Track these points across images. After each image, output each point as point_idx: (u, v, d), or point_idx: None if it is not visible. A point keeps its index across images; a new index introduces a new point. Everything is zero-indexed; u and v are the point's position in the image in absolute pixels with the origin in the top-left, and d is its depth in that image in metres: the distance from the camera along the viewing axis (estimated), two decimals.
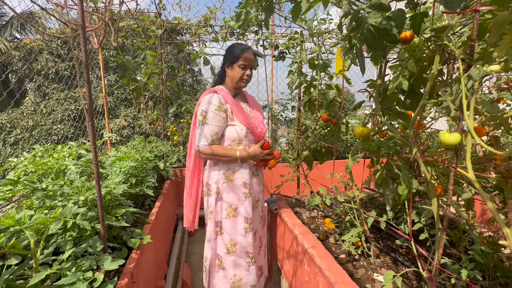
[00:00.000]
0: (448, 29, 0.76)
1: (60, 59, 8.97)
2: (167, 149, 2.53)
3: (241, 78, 1.39)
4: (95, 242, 0.98)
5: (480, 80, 0.67)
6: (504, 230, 0.58)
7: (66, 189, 1.12)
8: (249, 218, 1.42)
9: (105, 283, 0.80)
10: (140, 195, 1.87)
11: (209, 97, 1.35)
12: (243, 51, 1.35)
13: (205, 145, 1.34)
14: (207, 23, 2.60)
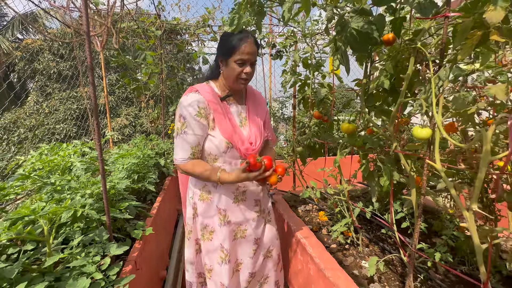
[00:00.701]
0: (422, 33, 0.82)
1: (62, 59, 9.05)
2: (168, 146, 2.61)
3: (238, 77, 1.07)
4: (101, 232, 1.07)
5: (447, 79, 0.74)
6: (464, 213, 0.65)
7: (73, 183, 1.21)
8: (225, 248, 1.14)
9: (111, 266, 0.88)
10: (142, 190, 1.95)
11: (189, 98, 1.07)
12: (241, 42, 1.03)
13: (184, 159, 1.08)
14: (205, 23, 2.66)
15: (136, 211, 1.49)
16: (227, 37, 1.08)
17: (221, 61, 1.11)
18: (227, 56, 1.06)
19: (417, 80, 0.88)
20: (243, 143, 1.12)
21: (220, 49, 1.12)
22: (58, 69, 8.83)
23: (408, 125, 1.25)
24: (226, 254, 1.15)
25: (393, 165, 1.00)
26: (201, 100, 1.07)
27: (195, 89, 1.11)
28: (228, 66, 1.08)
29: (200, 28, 2.72)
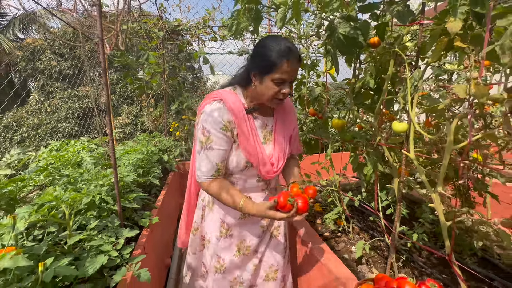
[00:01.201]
0: (400, 38, 0.93)
1: (63, 58, 9.13)
2: (170, 143, 2.72)
3: (273, 97, 0.93)
4: (113, 219, 1.17)
5: (421, 79, 0.84)
6: (432, 195, 0.75)
7: (86, 175, 1.31)
8: (222, 258, 1.10)
9: (124, 247, 0.99)
10: (147, 184, 2.05)
11: (213, 108, 0.95)
12: (283, 58, 0.86)
13: (208, 177, 0.97)
14: (205, 24, 2.75)
15: (142, 203, 1.59)
16: (266, 49, 0.89)
17: (255, 75, 0.94)
18: (264, 73, 0.90)
19: (398, 80, 0.98)
20: (264, 165, 1.01)
21: (255, 61, 0.93)
22: (59, 68, 8.92)
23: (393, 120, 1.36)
24: (222, 264, 1.10)
25: (378, 157, 1.10)
26: (226, 112, 0.94)
27: (219, 96, 0.97)
28: (263, 83, 0.91)
29: (201, 29, 2.82)
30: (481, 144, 0.81)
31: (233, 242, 1.11)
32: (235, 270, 1.12)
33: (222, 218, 1.10)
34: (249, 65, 0.99)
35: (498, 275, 1.10)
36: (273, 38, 0.93)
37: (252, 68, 0.95)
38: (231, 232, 1.11)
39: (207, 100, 0.99)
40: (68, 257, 0.85)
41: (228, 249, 1.10)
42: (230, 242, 1.10)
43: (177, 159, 3.04)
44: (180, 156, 3.17)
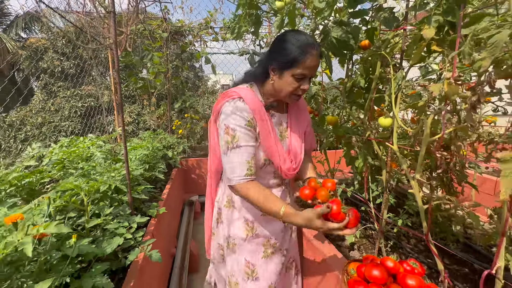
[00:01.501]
0: (387, 42, 1.02)
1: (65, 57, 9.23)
2: (174, 140, 2.82)
3: (292, 93, 0.91)
4: (124, 208, 1.28)
5: (404, 79, 0.94)
6: (411, 182, 0.85)
7: (98, 169, 1.41)
8: (252, 263, 1.02)
9: (137, 231, 1.09)
10: (153, 179, 2.16)
11: (234, 106, 0.90)
12: (306, 54, 0.84)
13: (242, 177, 0.88)
14: (207, 25, 2.85)
15: (149, 195, 1.70)
16: (288, 43, 0.87)
17: (274, 69, 0.91)
18: (285, 68, 0.88)
19: (385, 80, 1.08)
20: (284, 162, 0.98)
21: (275, 55, 0.90)
22: (62, 67, 9.02)
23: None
24: (253, 269, 1.02)
25: (368, 150, 1.20)
26: (247, 109, 0.90)
27: (237, 94, 0.92)
28: (283, 78, 0.89)
29: (203, 30, 2.92)
30: (456, 137, 0.91)
31: (260, 242, 1.03)
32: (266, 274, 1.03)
33: (246, 217, 1.02)
34: (266, 60, 0.94)
35: (478, 259, 1.20)
36: (296, 32, 0.89)
37: (271, 62, 0.91)
38: (256, 231, 1.03)
39: (226, 99, 0.93)
40: (87, 239, 0.95)
41: (256, 251, 1.02)
42: (257, 242, 1.03)
43: (180, 156, 3.15)
44: (182, 153, 3.27)
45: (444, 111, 0.80)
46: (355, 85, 1.21)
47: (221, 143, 0.93)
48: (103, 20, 1.10)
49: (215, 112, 0.98)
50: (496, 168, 0.81)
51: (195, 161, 3.15)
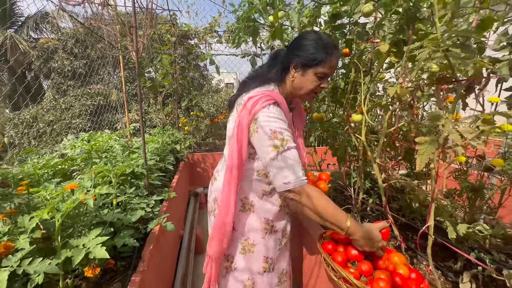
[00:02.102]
0: (360, 52, 1.24)
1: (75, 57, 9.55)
2: (181, 136, 3.07)
3: (312, 90, 0.95)
4: (142, 190, 1.52)
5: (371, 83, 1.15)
6: (373, 165, 1.07)
7: (118, 158, 1.66)
8: (270, 257, 1.07)
9: (155, 206, 1.33)
10: (163, 169, 2.40)
11: (273, 110, 0.88)
12: (332, 55, 0.90)
13: (301, 179, 0.85)
14: (212, 29, 3.08)
15: (161, 183, 1.94)
16: (314, 42, 0.90)
17: (296, 66, 0.94)
18: (309, 66, 0.90)
19: (358, 83, 1.29)
20: (302, 157, 1.03)
21: (301, 52, 0.92)
22: (72, 67, 9.36)
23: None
24: (271, 263, 1.06)
25: (347, 142, 1.42)
26: (283, 113, 0.91)
27: (272, 98, 0.90)
28: (306, 76, 0.92)
29: (208, 34, 3.15)
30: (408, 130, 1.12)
31: (278, 236, 1.08)
32: (281, 263, 1.11)
33: (266, 217, 1.05)
34: (288, 57, 0.96)
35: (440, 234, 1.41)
36: (318, 33, 0.94)
37: (295, 60, 0.93)
38: (275, 228, 1.07)
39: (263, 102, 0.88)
40: (117, 210, 1.20)
41: (274, 246, 1.07)
42: (275, 237, 1.07)
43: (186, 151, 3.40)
44: (188, 148, 3.52)
45: (398, 108, 1.02)
46: (337, 87, 1.43)
47: (264, 150, 0.87)
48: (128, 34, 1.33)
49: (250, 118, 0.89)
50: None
51: (200, 155, 3.39)
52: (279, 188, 0.87)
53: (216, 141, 4.31)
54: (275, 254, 1.09)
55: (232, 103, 1.05)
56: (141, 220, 1.33)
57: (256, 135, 0.88)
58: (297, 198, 0.86)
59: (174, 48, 3.13)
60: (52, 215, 0.72)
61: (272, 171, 0.87)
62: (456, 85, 0.80)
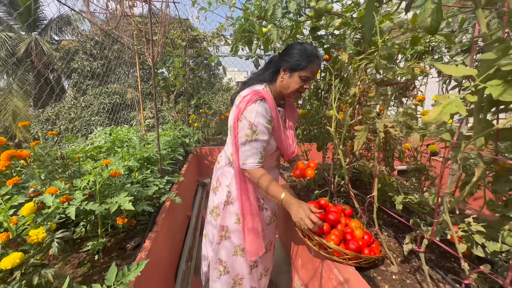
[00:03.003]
0: (333, 59, 1.50)
1: (93, 58, 10.13)
2: (190, 130, 3.40)
3: (297, 90, 1.18)
4: (156, 173, 1.84)
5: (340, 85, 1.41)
6: (338, 151, 1.33)
7: (137, 147, 1.99)
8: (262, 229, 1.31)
9: (167, 184, 1.65)
10: (174, 160, 2.74)
11: (258, 106, 1.10)
12: (313, 62, 1.13)
13: (255, 164, 1.13)
14: (219, 34, 3.38)
15: (172, 170, 2.27)
16: (300, 51, 1.13)
17: (285, 70, 1.17)
18: (295, 70, 1.13)
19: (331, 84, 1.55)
20: (289, 148, 1.27)
21: (289, 59, 1.15)
22: (91, 68, 9.95)
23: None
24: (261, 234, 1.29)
25: (325, 134, 1.69)
26: (268, 109, 1.12)
27: (261, 95, 1.12)
28: (292, 78, 1.15)
29: (215, 38, 3.45)
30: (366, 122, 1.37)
31: (268, 213, 1.35)
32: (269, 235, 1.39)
33: (258, 196, 1.28)
34: (279, 62, 1.19)
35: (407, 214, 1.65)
36: (306, 44, 1.17)
37: (283, 63, 1.17)
38: (265, 206, 1.33)
39: (251, 98, 1.11)
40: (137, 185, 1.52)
41: (264, 221, 1.32)
42: (266, 214, 1.34)
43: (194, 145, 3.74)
44: (197, 143, 3.85)
45: (358, 105, 1.28)
46: (319, 88, 1.69)
47: (240, 134, 1.13)
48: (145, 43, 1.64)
49: (240, 110, 1.13)
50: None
51: (208, 149, 3.71)
52: (241, 166, 1.16)
53: (223, 137, 4.62)
54: (265, 227, 1.34)
55: (233, 100, 1.29)
56: (155, 197, 1.65)
57: (240, 123, 1.14)
58: (249, 176, 1.16)
59: (185, 52, 3.45)
60: (95, 179, 1.03)
61: (239, 152, 1.16)
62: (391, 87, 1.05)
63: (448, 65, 0.56)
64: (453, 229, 0.78)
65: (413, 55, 1.71)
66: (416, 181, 1.37)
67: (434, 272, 1.13)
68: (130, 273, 0.67)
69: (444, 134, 0.75)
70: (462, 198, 0.75)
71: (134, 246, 1.29)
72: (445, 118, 0.52)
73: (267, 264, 1.44)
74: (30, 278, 0.63)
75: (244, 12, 1.48)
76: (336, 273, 1.07)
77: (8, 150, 0.92)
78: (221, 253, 1.33)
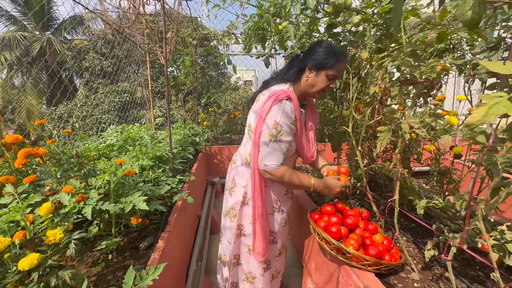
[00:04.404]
0: (351, 57, 1.45)
1: (104, 57, 10.27)
2: (200, 129, 3.39)
3: (322, 90, 1.15)
4: (168, 171, 1.83)
5: (357, 84, 1.36)
6: (356, 152, 1.28)
7: (149, 145, 1.99)
8: (274, 232, 1.30)
9: (179, 183, 1.63)
10: (184, 158, 2.73)
11: (284, 105, 1.06)
12: (341, 61, 1.10)
13: (277, 165, 1.09)
14: (229, 33, 3.36)
15: (182, 168, 2.26)
16: (328, 49, 1.10)
17: (311, 68, 1.13)
18: (322, 68, 1.10)
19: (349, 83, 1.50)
20: (308, 151, 1.25)
21: (316, 57, 1.11)
22: (101, 66, 10.09)
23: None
24: (275, 237, 1.31)
25: (340, 134, 1.64)
26: (293, 110, 1.08)
27: (287, 95, 1.08)
28: (318, 76, 1.12)
29: (226, 37, 3.43)
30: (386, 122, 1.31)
31: (284, 216, 1.33)
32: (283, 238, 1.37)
33: (275, 198, 1.28)
34: (304, 60, 1.16)
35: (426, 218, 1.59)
36: (331, 42, 1.17)
37: (310, 61, 1.13)
38: (282, 208, 1.32)
39: (277, 97, 1.07)
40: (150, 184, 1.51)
41: (280, 223, 1.31)
42: (282, 216, 1.32)
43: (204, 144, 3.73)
44: (206, 141, 3.85)
45: (377, 104, 1.23)
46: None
47: (263, 133, 1.09)
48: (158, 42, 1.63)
49: (265, 110, 1.08)
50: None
51: (217, 148, 3.70)
52: (259, 166, 1.13)
53: (232, 136, 4.61)
54: (279, 229, 1.33)
55: (253, 98, 1.27)
56: (167, 196, 1.63)
57: (264, 122, 1.10)
58: (271, 177, 1.14)
59: (195, 50, 3.44)
60: (110, 178, 1.02)
61: (260, 152, 1.12)
62: (415, 86, 1.00)
63: (494, 62, 0.51)
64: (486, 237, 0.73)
65: (433, 53, 1.64)
66: (437, 185, 1.31)
67: (459, 280, 1.07)
68: (148, 277, 0.65)
69: (479, 136, 0.70)
70: (497, 204, 0.70)
71: (147, 246, 1.28)
72: (491, 119, 0.48)
73: (279, 267, 1.43)
74: (48, 280, 0.61)
75: (260, 9, 1.45)
76: (355, 279, 1.03)
77: (25, 148, 0.92)
78: (237, 249, 1.34)
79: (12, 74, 10.50)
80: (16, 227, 0.82)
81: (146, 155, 1.58)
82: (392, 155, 1.54)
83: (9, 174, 1.02)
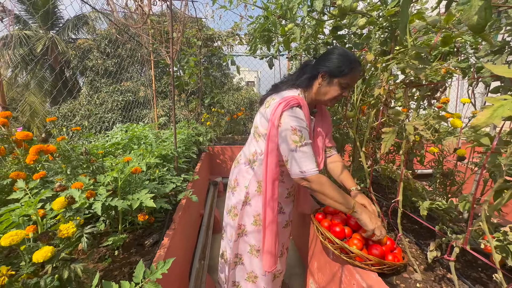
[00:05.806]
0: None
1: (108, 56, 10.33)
2: (204, 129, 3.41)
3: (335, 98, 1.11)
4: (172, 170, 1.85)
5: (363, 86, 1.38)
6: (360, 153, 1.29)
7: (154, 144, 2.01)
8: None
9: (183, 182, 1.65)
10: (188, 157, 2.75)
11: (295, 112, 1.04)
12: (356, 70, 1.07)
13: (315, 170, 1.02)
14: (234, 33, 3.38)
15: (186, 168, 2.28)
16: (342, 57, 1.07)
17: (323, 75, 1.09)
18: (336, 76, 1.06)
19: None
20: (318, 156, 1.21)
21: (329, 64, 1.08)
22: (105, 66, 10.15)
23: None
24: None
25: (346, 136, 1.65)
26: (303, 116, 1.06)
27: (297, 102, 1.06)
28: (331, 84, 1.08)
29: (230, 37, 3.45)
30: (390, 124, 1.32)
31: (285, 217, 1.35)
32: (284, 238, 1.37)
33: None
34: (317, 67, 1.12)
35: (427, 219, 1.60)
36: (345, 49, 1.13)
37: (323, 69, 1.09)
38: (284, 210, 1.33)
39: (288, 103, 1.05)
40: (155, 182, 1.52)
41: (281, 224, 1.32)
42: (283, 217, 1.33)
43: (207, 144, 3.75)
44: (209, 141, 3.87)
45: (382, 106, 1.24)
46: None
47: (288, 142, 1.03)
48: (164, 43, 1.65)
49: (275, 117, 1.05)
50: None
51: (220, 148, 3.72)
52: (294, 175, 1.04)
53: (234, 136, 4.63)
54: (280, 230, 1.33)
55: (262, 101, 1.25)
56: (171, 194, 1.65)
57: (279, 130, 1.06)
58: (309, 185, 1.04)
59: (199, 51, 3.47)
60: (117, 175, 1.04)
61: (291, 161, 1.04)
62: (420, 88, 1.02)
63: (498, 66, 0.53)
64: (490, 238, 0.74)
65: (437, 56, 1.65)
66: (440, 186, 1.32)
67: (461, 282, 1.08)
68: (157, 271, 0.66)
69: (483, 138, 0.72)
70: (500, 206, 0.71)
71: (152, 243, 1.29)
72: (496, 121, 0.49)
73: (281, 267, 1.44)
74: (61, 272, 0.63)
75: (266, 11, 1.47)
76: (358, 279, 1.04)
77: (36, 145, 0.94)
78: (238, 248, 1.36)
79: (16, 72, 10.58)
80: (28, 222, 0.84)
81: (152, 153, 1.60)
82: (395, 156, 1.55)
83: (19, 170, 1.04)
